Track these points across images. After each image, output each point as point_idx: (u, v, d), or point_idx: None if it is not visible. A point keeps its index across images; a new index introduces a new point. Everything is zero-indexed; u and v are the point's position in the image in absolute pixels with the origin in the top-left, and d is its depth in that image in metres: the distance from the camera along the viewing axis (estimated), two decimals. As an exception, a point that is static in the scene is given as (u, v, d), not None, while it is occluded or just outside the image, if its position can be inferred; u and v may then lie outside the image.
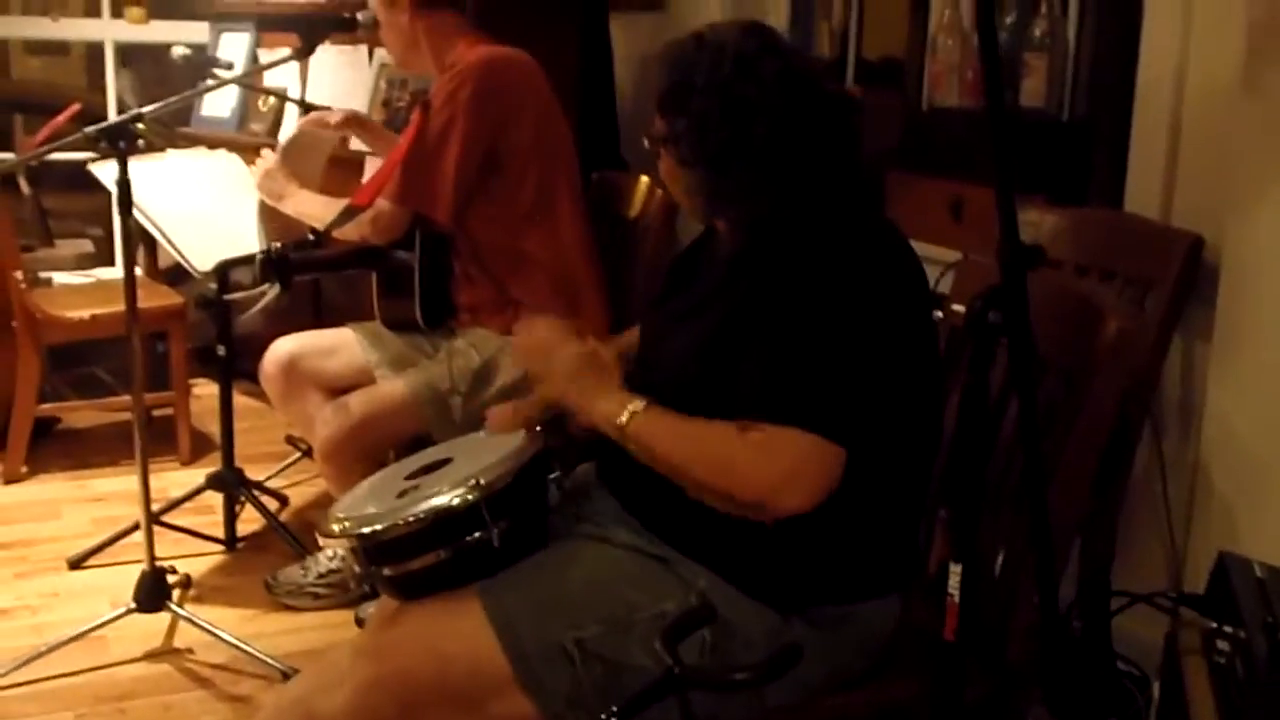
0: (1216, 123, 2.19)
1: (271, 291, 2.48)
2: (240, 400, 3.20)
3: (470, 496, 1.45)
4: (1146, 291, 2.18)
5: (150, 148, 2.69)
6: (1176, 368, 2.28)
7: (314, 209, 2.65)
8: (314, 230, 2.60)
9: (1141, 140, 2.35)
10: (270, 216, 2.77)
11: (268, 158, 2.74)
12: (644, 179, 2.77)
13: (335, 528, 1.51)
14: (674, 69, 1.49)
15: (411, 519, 1.46)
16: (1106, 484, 2.11)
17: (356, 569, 1.50)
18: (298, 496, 3.30)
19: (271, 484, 3.26)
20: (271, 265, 2.48)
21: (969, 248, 2.20)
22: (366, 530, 1.47)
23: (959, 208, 2.58)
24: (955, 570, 1.17)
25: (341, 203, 2.55)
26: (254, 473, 3.09)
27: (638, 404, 1.46)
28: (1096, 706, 1.95)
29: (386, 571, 1.50)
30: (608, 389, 1.51)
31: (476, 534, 1.46)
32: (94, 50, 4.93)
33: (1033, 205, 2.33)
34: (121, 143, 2.22)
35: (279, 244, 2.52)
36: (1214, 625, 1.59)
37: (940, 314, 1.26)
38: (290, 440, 3.51)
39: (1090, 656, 1.97)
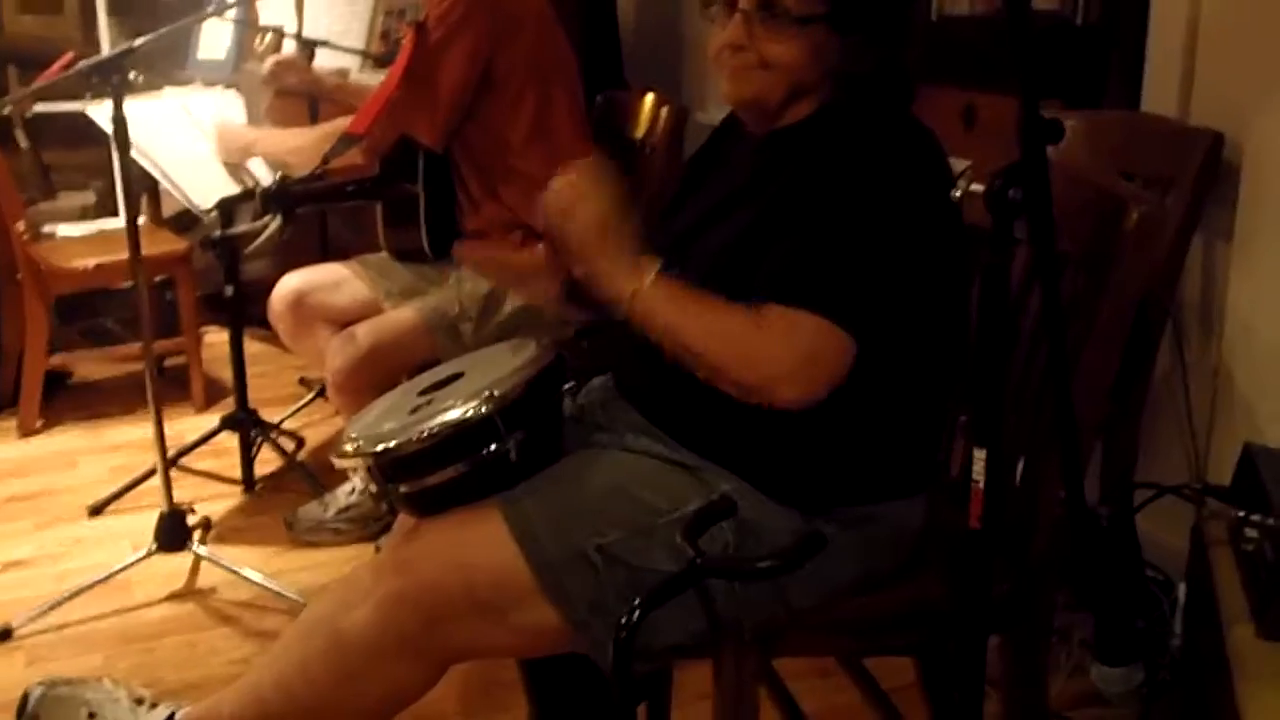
0: (1236, 17, 2.14)
1: (274, 224, 2.45)
2: (252, 346, 3.18)
3: (484, 409, 1.42)
4: (1166, 192, 2.14)
5: (146, 85, 2.65)
6: (1197, 270, 2.25)
7: (287, 142, 2.62)
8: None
9: (1159, 38, 2.30)
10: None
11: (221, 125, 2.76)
12: (649, 97, 2.71)
13: (349, 448, 1.48)
14: None
15: (426, 434, 1.43)
16: (1129, 385, 2.08)
17: (373, 488, 1.48)
18: (313, 437, 3.29)
19: (287, 426, 3.26)
20: (273, 198, 2.45)
21: (981, 156, 2.16)
22: (380, 448, 1.45)
23: (971, 116, 2.53)
24: (979, 456, 1.15)
25: (315, 130, 2.52)
26: (269, 415, 3.08)
27: (648, 274, 1.42)
28: (1124, 600, 1.94)
29: (403, 489, 1.48)
30: (620, 256, 1.45)
31: (492, 446, 1.44)
32: (86, 6, 4.86)
33: (1048, 110, 2.29)
34: (115, 78, 2.19)
35: (280, 175, 2.49)
36: (1241, 514, 1.57)
37: (957, 193, 1.22)
38: (304, 382, 3.50)
39: (1116, 547, 1.96)
